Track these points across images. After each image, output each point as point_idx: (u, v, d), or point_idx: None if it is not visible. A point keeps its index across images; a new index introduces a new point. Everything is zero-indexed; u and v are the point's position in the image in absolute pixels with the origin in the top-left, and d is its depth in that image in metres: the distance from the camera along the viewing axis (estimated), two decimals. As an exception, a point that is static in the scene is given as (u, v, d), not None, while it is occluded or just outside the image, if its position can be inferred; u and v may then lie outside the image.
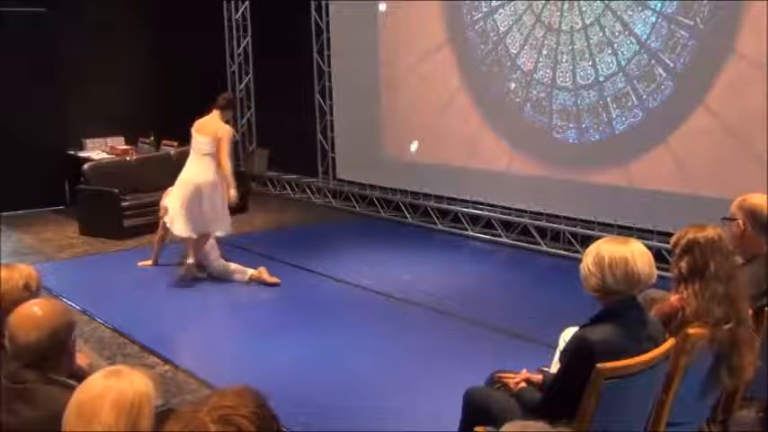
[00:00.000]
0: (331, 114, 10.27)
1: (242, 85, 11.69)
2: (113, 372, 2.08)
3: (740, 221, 3.54)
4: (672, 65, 6.73)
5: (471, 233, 8.44)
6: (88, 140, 10.53)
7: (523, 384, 3.22)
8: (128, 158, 9.56)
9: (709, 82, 6.45)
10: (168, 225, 6.90)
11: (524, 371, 3.32)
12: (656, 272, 2.93)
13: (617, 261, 2.86)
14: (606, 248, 2.91)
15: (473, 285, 6.95)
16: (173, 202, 6.86)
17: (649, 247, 3.11)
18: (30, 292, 2.92)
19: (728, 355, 3.06)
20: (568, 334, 3.29)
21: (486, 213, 8.41)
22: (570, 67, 7.50)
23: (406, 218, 9.19)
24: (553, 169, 7.71)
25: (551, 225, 7.78)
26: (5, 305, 2.74)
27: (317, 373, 5.04)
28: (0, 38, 9.66)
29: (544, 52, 7.70)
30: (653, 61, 6.85)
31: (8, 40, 9.71)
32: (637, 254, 2.89)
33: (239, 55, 11.63)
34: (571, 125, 7.56)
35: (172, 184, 7.20)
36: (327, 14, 10.08)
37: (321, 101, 10.38)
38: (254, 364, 5.13)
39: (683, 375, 2.99)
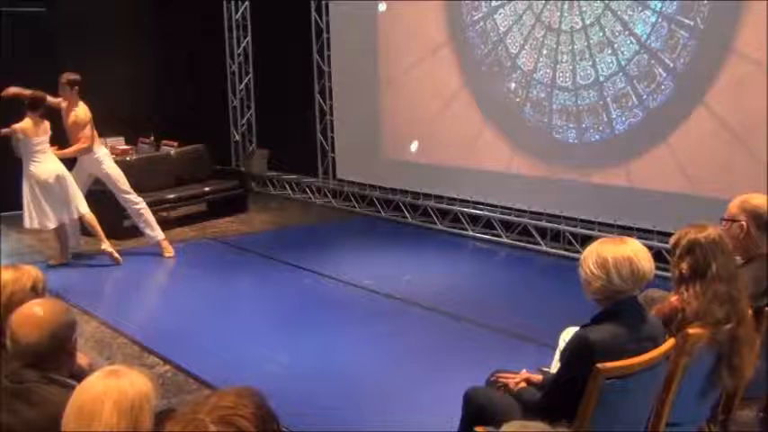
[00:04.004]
0: (331, 114, 10.27)
1: (242, 85, 11.68)
2: (113, 372, 2.08)
3: (743, 223, 3.54)
4: (672, 65, 6.72)
5: (471, 233, 8.44)
6: (88, 140, 10.50)
7: (523, 384, 3.22)
8: (128, 158, 9.55)
9: (710, 82, 6.44)
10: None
11: (524, 371, 3.32)
12: (654, 266, 2.95)
13: (621, 261, 2.86)
14: (607, 250, 2.91)
15: (473, 285, 6.95)
16: None
17: (649, 247, 3.11)
18: (36, 293, 2.92)
19: (729, 355, 3.06)
20: (568, 334, 3.29)
21: (486, 213, 8.40)
22: (570, 67, 7.50)
23: (406, 218, 9.19)
24: (553, 169, 7.70)
25: (551, 225, 7.78)
26: (12, 306, 2.73)
27: (318, 372, 5.04)
28: (0, 38, 9.64)
29: (544, 52, 7.70)
30: (653, 61, 6.85)
31: (8, 40, 9.69)
32: (639, 252, 2.90)
33: (239, 55, 11.63)
34: (571, 125, 7.55)
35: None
36: (327, 14, 10.07)
37: (321, 101, 10.38)
38: (255, 364, 5.12)
39: (683, 375, 2.99)
